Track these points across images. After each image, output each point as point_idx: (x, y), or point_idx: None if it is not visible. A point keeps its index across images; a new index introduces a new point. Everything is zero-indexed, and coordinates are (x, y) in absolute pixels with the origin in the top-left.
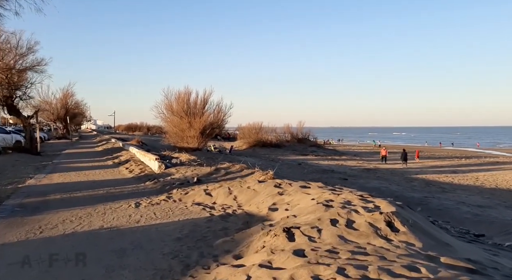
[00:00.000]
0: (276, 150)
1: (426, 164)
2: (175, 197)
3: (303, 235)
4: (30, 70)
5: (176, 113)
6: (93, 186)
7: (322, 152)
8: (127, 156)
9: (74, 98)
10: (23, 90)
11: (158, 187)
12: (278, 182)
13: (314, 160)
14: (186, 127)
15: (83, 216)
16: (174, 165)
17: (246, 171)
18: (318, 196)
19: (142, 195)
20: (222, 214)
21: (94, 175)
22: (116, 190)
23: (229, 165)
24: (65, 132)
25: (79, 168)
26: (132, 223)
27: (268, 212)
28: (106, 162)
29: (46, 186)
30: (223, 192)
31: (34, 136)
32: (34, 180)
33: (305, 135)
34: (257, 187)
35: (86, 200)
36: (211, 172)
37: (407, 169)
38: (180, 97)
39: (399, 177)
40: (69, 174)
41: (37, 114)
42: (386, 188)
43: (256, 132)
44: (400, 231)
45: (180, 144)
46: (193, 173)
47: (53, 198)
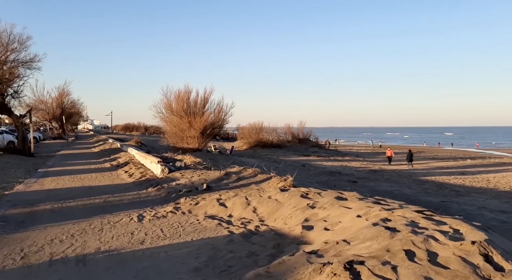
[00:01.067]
0: (277, 151)
1: (431, 165)
2: (183, 208)
3: (373, 276)
4: (22, 66)
5: (175, 113)
6: (89, 193)
7: (324, 152)
8: (126, 158)
9: (70, 97)
10: (15, 88)
11: (163, 195)
12: (304, 190)
13: (317, 161)
14: (186, 127)
15: (76, 233)
16: (178, 168)
17: (260, 176)
18: (364, 212)
19: (145, 204)
20: (243, 231)
21: (90, 180)
22: (114, 198)
23: (240, 169)
24: (61, 132)
25: (74, 172)
26: (136, 244)
27: (303, 232)
28: (103, 165)
29: (36, 193)
30: (239, 202)
31: (27, 136)
32: (23, 185)
33: (306, 135)
34: (279, 197)
35: (80, 211)
36: (221, 177)
37: (413, 170)
38: (180, 96)
39: (407, 179)
40: (62, 179)
41: (31, 113)
42: (398, 191)
43: (256, 132)
44: (505, 269)
45: (180, 145)
46: (200, 178)
47: (42, 209)
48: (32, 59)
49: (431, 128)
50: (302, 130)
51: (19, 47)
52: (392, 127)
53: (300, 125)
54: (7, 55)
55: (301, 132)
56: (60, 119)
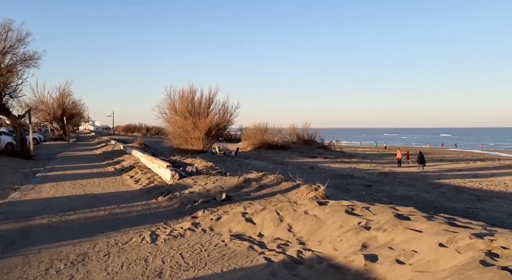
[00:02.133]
0: (282, 152)
1: (442, 167)
2: (203, 224)
3: None
4: (21, 64)
5: (180, 113)
6: (92, 203)
7: (330, 154)
8: (131, 161)
9: (71, 97)
10: (13, 86)
11: (176, 206)
12: (347, 204)
13: (325, 163)
14: (191, 128)
15: (77, 260)
16: (189, 174)
17: (285, 184)
18: (446, 239)
19: (157, 218)
20: (284, 259)
21: (93, 186)
22: (121, 210)
23: (260, 175)
24: (62, 133)
25: (75, 176)
26: (152, 277)
27: (367, 264)
28: (106, 168)
29: (32, 202)
30: (269, 217)
31: (26, 138)
32: (18, 193)
33: (312, 137)
34: (318, 212)
35: (82, 228)
36: (240, 185)
37: (424, 173)
38: (184, 96)
39: (422, 183)
40: (62, 185)
41: (30, 113)
42: (417, 196)
43: (261, 133)
44: None
45: (184, 146)
46: (216, 186)
47: (38, 224)
48: (31, 57)
49: (426, 129)
50: (307, 131)
51: (18, 44)
52: (388, 128)
53: (305, 126)
54: (5, 52)
55: (306, 133)
56: (61, 120)
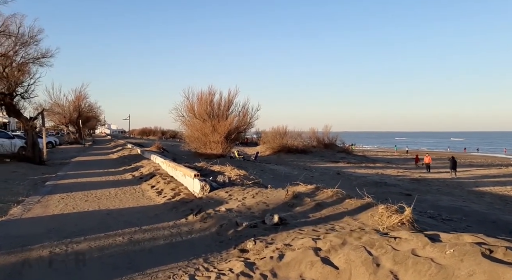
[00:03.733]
0: (303, 156)
1: (474, 173)
2: (261, 265)
3: None
4: (33, 63)
5: (198, 116)
6: (107, 224)
7: (353, 158)
8: (150, 168)
9: (87, 100)
10: (25, 87)
11: (213, 230)
12: (475, 241)
13: (349, 168)
14: (209, 131)
15: None
16: (222, 185)
17: (350, 202)
18: None
19: (193, 250)
20: None
21: (109, 199)
22: (144, 236)
23: (311, 188)
24: (78, 137)
25: (89, 185)
26: None
27: None
28: (124, 175)
29: (34, 222)
30: (358, 259)
31: (37, 141)
32: (21, 207)
33: (332, 140)
34: (436, 255)
35: (93, 263)
36: (289, 202)
37: (457, 179)
38: (203, 98)
39: (460, 191)
40: (74, 196)
41: (43, 115)
42: (467, 207)
43: (280, 137)
44: None
45: (203, 150)
46: (258, 202)
47: (35, 258)
48: (44, 55)
49: (436, 133)
50: (327, 134)
51: (30, 41)
52: (397, 132)
53: (326, 130)
54: (16, 50)
55: (327, 136)
56: (77, 123)
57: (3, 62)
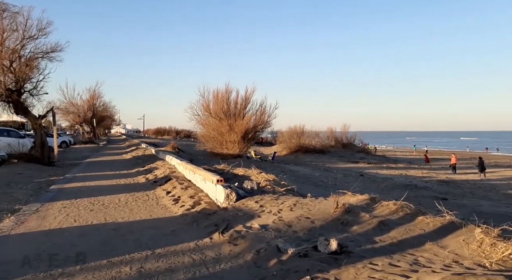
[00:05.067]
0: (321, 157)
1: (504, 174)
2: None
3: None
4: (42, 58)
5: (214, 115)
6: (113, 244)
7: (372, 159)
8: (165, 169)
9: (101, 99)
10: (34, 83)
11: (248, 258)
12: None
13: (370, 169)
14: (226, 130)
15: None
16: (249, 192)
17: (424, 219)
18: None
19: None
20: None
21: (117, 208)
22: (159, 265)
23: (364, 199)
24: (92, 136)
25: (97, 190)
26: None
27: None
28: (136, 178)
29: (24, 240)
30: None
31: (46, 141)
32: (14, 218)
33: (350, 140)
34: None
35: None
36: (342, 218)
37: (487, 181)
38: (219, 96)
39: (495, 194)
40: (78, 204)
41: (54, 113)
42: None
43: (297, 136)
44: None
45: (219, 150)
46: (298, 217)
47: None
48: (53, 49)
49: (444, 133)
50: (345, 134)
51: (38, 34)
52: (407, 132)
53: (344, 129)
54: (24, 44)
55: (345, 136)
56: (91, 122)
57: (10, 56)
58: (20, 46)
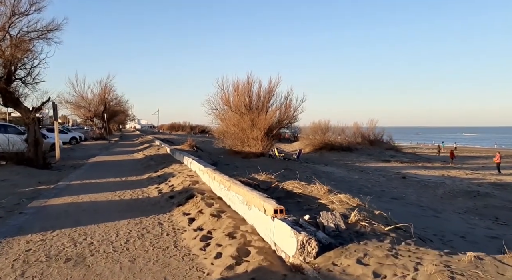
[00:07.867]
0: (348, 155)
1: None
2: None
3: None
4: (37, 39)
5: (235, 109)
6: None
7: (404, 157)
8: (184, 178)
9: (114, 93)
10: (28, 69)
11: None
12: None
13: (405, 169)
14: (248, 126)
15: None
16: (334, 235)
17: None
18: None
19: None
20: None
21: (110, 257)
22: None
23: None
24: (103, 132)
25: (89, 212)
26: None
27: None
28: (147, 190)
29: None
30: None
31: (40, 138)
32: None
33: (378, 136)
34: None
35: None
36: None
37: None
38: (240, 88)
39: None
40: (51, 244)
41: (55, 106)
42: None
43: (322, 132)
44: None
45: (239, 148)
46: None
47: None
48: (49, 27)
49: (445, 128)
50: (373, 130)
51: (30, 9)
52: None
53: (371, 125)
54: (13, 21)
55: (372, 132)
56: (102, 117)
57: None
58: (8, 24)
